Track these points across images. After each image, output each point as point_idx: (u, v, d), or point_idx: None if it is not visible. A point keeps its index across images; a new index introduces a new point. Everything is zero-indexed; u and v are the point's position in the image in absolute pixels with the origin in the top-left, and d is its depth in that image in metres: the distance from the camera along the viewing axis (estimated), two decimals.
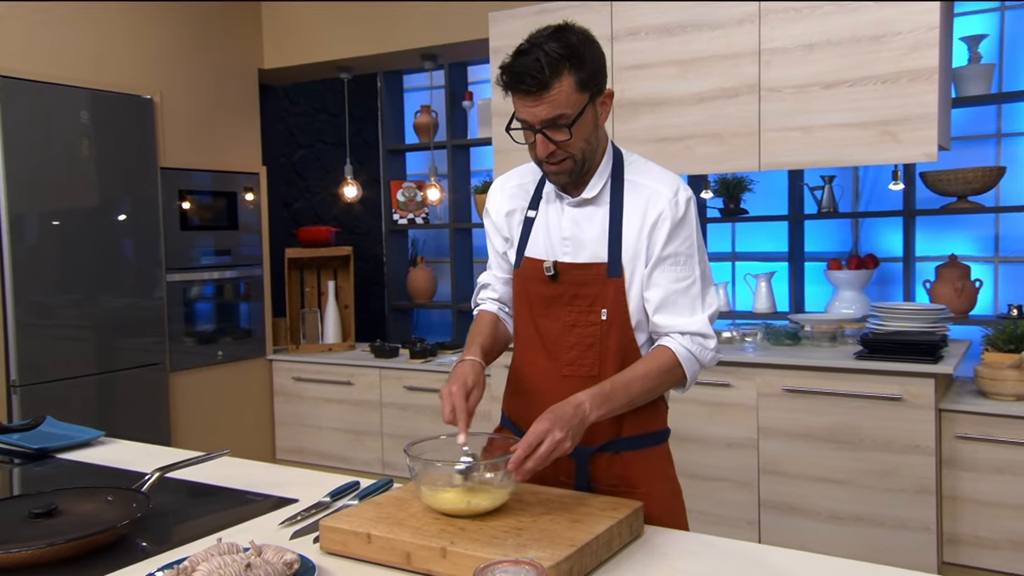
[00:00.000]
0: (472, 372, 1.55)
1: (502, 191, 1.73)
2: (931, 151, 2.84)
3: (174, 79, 4.05)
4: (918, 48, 2.83)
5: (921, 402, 2.85)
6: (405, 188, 5.25)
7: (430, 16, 4.04)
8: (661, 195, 1.55)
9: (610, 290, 1.56)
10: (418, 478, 1.41)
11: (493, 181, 1.80)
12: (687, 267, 1.56)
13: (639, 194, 1.57)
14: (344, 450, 4.29)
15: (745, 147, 3.16)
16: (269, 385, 4.52)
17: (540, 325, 1.63)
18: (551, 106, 1.45)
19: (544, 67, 1.43)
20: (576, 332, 1.59)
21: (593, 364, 1.58)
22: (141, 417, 3.88)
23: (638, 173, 1.60)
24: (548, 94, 1.44)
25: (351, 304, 4.74)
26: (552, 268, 1.60)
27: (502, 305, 1.79)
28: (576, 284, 1.59)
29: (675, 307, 1.55)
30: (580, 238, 1.59)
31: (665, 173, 1.61)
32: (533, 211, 1.67)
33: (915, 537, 2.89)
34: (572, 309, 1.59)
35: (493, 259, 1.78)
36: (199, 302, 4.22)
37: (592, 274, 1.57)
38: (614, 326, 1.57)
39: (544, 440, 1.36)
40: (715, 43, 3.17)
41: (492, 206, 1.74)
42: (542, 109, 1.45)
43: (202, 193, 4.20)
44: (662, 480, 1.64)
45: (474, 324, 1.75)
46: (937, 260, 3.97)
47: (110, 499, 1.53)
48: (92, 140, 3.65)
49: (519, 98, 1.47)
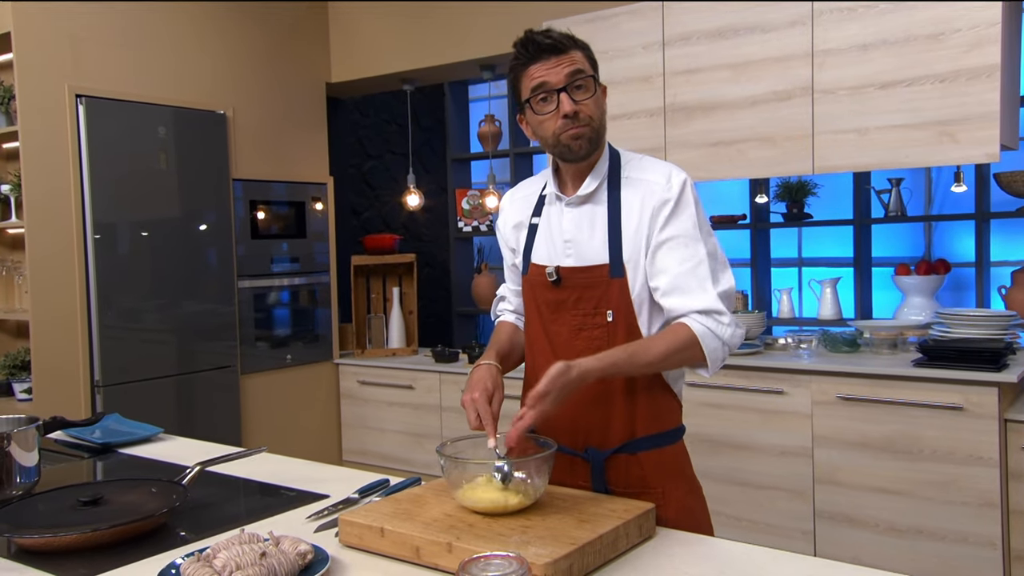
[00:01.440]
0: (489, 376, 1.58)
1: (510, 203, 1.79)
2: (993, 151, 2.74)
3: (246, 94, 4.25)
4: (979, 45, 2.73)
5: (984, 411, 2.74)
6: (470, 196, 5.34)
7: (487, 27, 4.11)
8: (656, 184, 1.58)
9: (614, 291, 1.58)
10: (452, 477, 1.45)
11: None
12: (691, 248, 1.54)
13: (635, 190, 1.59)
14: (406, 452, 4.39)
15: (799, 150, 3.10)
16: (336, 388, 4.67)
17: (549, 330, 1.65)
18: (572, 64, 1.54)
19: (560, 36, 1.55)
20: (583, 335, 1.60)
21: None
22: (214, 417, 4.07)
23: (634, 169, 1.63)
24: (568, 55, 1.54)
25: (415, 310, 4.84)
26: (555, 273, 1.62)
27: (519, 316, 1.82)
28: (579, 287, 1.61)
29: (684, 288, 1.53)
30: (580, 240, 1.62)
31: (657, 163, 1.63)
32: (537, 218, 1.70)
33: (979, 553, 2.78)
34: (577, 312, 1.61)
35: (508, 272, 1.83)
36: (270, 308, 4.39)
37: (595, 276, 1.59)
38: (620, 327, 1.58)
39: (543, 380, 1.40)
40: (767, 46, 3.13)
41: (500, 219, 1.80)
42: (564, 67, 1.53)
43: (273, 203, 4.37)
44: (679, 478, 1.64)
45: (493, 334, 1.81)
46: (1014, 265, 3.81)
47: (153, 490, 1.63)
48: (169, 154, 3.86)
49: (539, 65, 1.55)
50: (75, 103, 3.54)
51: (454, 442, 1.54)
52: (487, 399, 1.52)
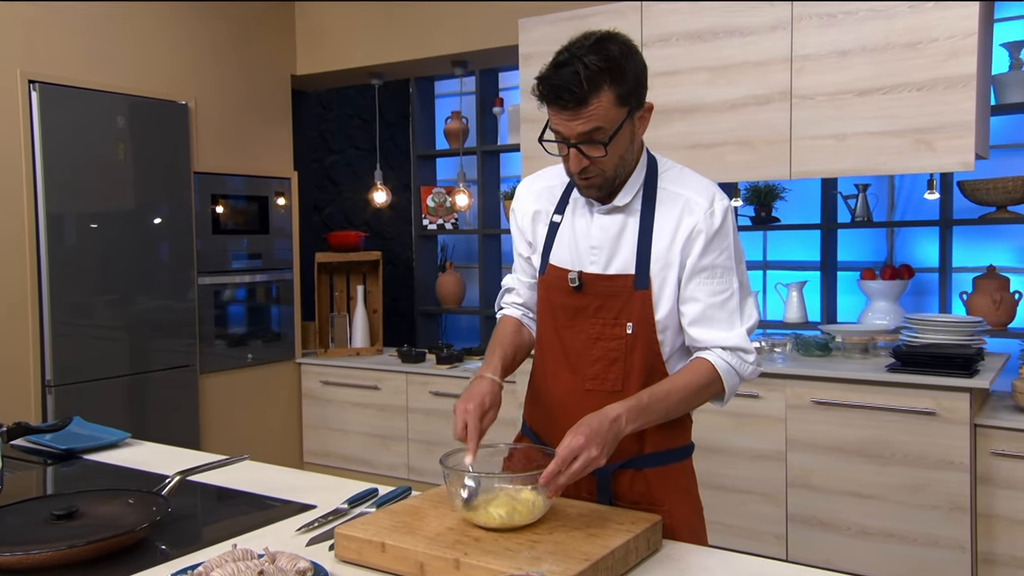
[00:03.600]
0: (490, 393, 1.52)
1: (528, 192, 1.68)
2: (968, 160, 2.78)
3: (208, 85, 4.11)
4: (956, 55, 2.77)
5: (955, 417, 2.78)
6: (435, 194, 5.27)
7: (461, 23, 4.05)
8: (697, 205, 1.50)
9: (637, 303, 1.52)
10: (454, 490, 1.39)
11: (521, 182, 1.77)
12: (724, 280, 1.51)
13: (673, 203, 1.52)
14: (370, 454, 4.30)
15: (776, 155, 3.11)
16: (297, 388, 4.56)
17: (563, 337, 1.59)
18: (588, 121, 1.40)
19: (583, 82, 1.37)
20: (600, 345, 1.54)
21: (617, 379, 1.54)
22: (170, 418, 3.93)
23: (672, 181, 1.55)
24: (586, 109, 1.39)
25: (380, 309, 4.76)
26: (577, 279, 1.55)
27: (526, 311, 1.74)
28: (602, 296, 1.54)
29: (713, 321, 1.50)
30: (608, 248, 1.54)
31: (701, 181, 1.56)
32: (559, 216, 1.62)
33: (948, 555, 2.82)
34: (596, 321, 1.54)
35: (518, 262, 1.73)
36: (230, 305, 4.26)
37: (619, 286, 1.53)
38: (640, 340, 1.52)
39: (579, 456, 1.33)
40: (747, 49, 3.13)
41: (518, 207, 1.70)
42: (578, 124, 1.40)
43: (234, 197, 4.24)
44: (684, 496, 1.60)
45: (496, 331, 1.71)
46: (974, 271, 3.88)
47: (131, 501, 1.54)
48: (128, 145, 3.71)
49: (555, 111, 1.42)
50: (28, 89, 3.38)
51: (456, 453, 1.48)
52: (480, 415, 1.47)
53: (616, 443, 1.38)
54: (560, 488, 1.34)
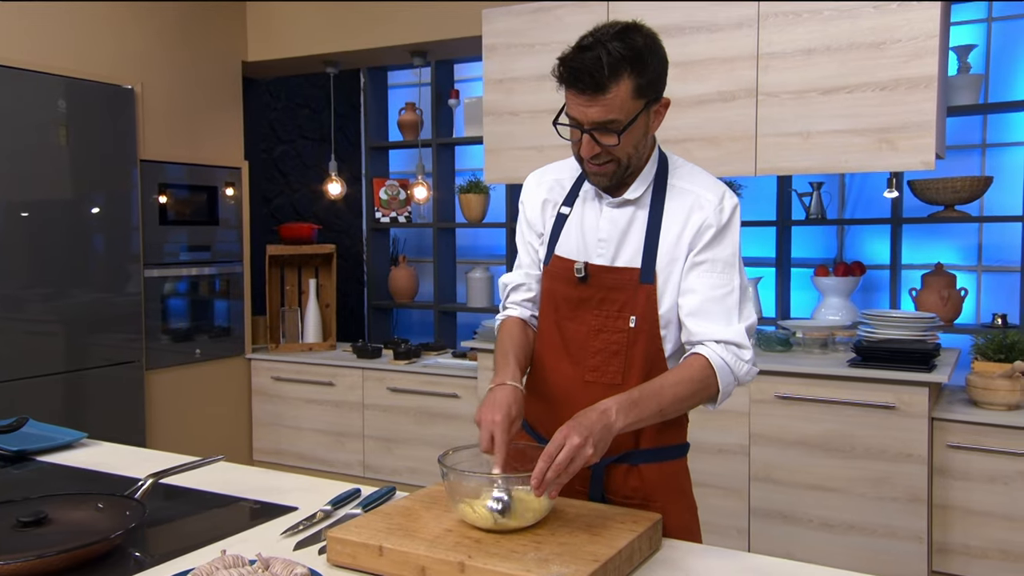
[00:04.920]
0: (516, 402, 1.45)
1: (539, 184, 1.67)
2: (929, 159, 2.84)
3: (156, 69, 3.94)
4: (918, 56, 2.82)
5: (915, 411, 2.84)
6: (388, 186, 5.17)
7: (421, 12, 3.97)
8: (707, 201, 1.50)
9: (641, 297, 1.51)
10: (454, 491, 1.34)
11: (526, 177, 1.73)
12: (726, 275, 1.50)
13: (682, 199, 1.52)
14: (324, 452, 4.20)
15: (742, 151, 3.13)
16: (247, 384, 4.42)
17: (564, 328, 1.57)
18: (604, 109, 1.40)
19: (604, 67, 1.37)
20: (602, 338, 1.53)
21: (617, 372, 1.53)
22: (114, 417, 3.76)
23: (683, 178, 1.54)
24: (603, 96, 1.39)
25: (332, 303, 4.65)
26: (583, 269, 1.54)
27: (535, 308, 1.69)
28: (606, 288, 1.53)
29: (711, 314, 1.48)
30: (616, 241, 1.54)
31: (708, 177, 1.56)
32: (567, 208, 1.61)
33: (906, 546, 2.88)
34: (599, 314, 1.53)
35: (526, 257, 1.69)
36: (178, 299, 4.11)
37: (624, 279, 1.52)
38: (642, 334, 1.51)
39: (563, 447, 1.28)
40: (714, 46, 3.14)
41: (527, 199, 1.68)
42: (595, 111, 1.40)
43: (182, 187, 4.09)
44: (679, 495, 1.59)
45: (503, 334, 1.65)
46: (921, 268, 3.99)
47: (100, 506, 1.45)
48: (70, 130, 3.53)
49: (572, 94, 1.42)
50: None
51: (456, 451, 1.43)
52: (508, 426, 1.40)
53: (609, 436, 1.34)
54: (557, 486, 1.29)
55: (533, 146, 3.53)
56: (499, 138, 3.61)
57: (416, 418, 3.94)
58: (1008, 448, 2.78)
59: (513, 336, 1.63)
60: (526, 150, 3.56)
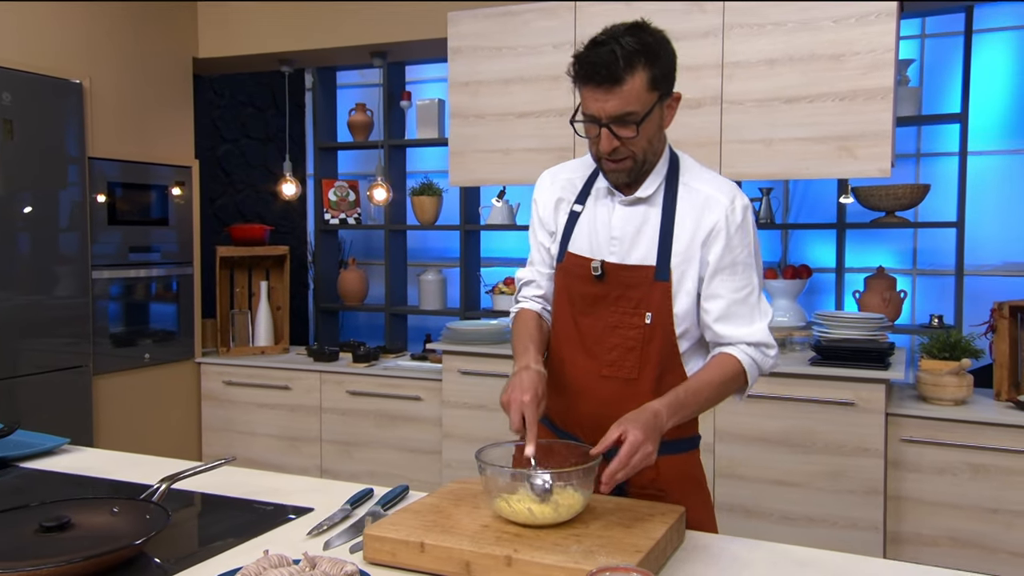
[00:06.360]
0: (541, 383, 1.49)
1: (552, 183, 1.71)
2: (885, 167, 2.98)
3: (105, 63, 3.81)
4: (875, 68, 2.96)
5: (872, 407, 2.98)
6: (338, 187, 5.11)
7: (384, 12, 3.94)
8: (718, 203, 1.54)
9: (656, 293, 1.55)
10: (493, 487, 1.35)
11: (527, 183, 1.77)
12: (745, 275, 1.55)
13: (694, 199, 1.56)
14: (279, 457, 4.12)
15: (706, 157, 3.22)
16: (197, 389, 4.30)
17: (581, 323, 1.60)
18: (621, 101, 1.43)
19: (619, 59, 1.41)
20: (618, 333, 1.57)
21: (633, 367, 1.57)
22: (60, 424, 3.60)
23: (694, 178, 1.59)
24: (620, 88, 1.43)
25: (284, 306, 4.57)
26: (600, 268, 1.57)
27: (546, 304, 1.74)
28: (622, 285, 1.57)
29: (736, 317, 1.55)
30: (629, 239, 1.58)
31: (721, 179, 1.61)
32: (579, 206, 1.64)
33: (864, 536, 3.01)
34: (616, 310, 1.57)
35: (537, 254, 1.73)
36: (126, 301, 3.96)
37: (640, 276, 1.55)
38: (657, 330, 1.55)
39: (637, 452, 1.33)
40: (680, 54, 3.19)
41: (540, 197, 1.71)
42: (612, 104, 1.44)
43: (131, 186, 3.95)
44: (695, 487, 1.64)
45: (519, 324, 1.69)
46: (862, 271, 4.17)
47: (116, 510, 1.41)
48: (14, 124, 3.38)
49: (589, 90, 1.45)
50: None
51: (492, 447, 1.44)
52: (536, 404, 1.44)
53: (659, 437, 1.39)
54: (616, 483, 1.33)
55: (499, 149, 3.56)
56: (464, 140, 3.62)
57: (376, 421, 3.90)
58: (956, 441, 2.93)
59: (529, 326, 1.67)
60: (492, 153, 3.57)
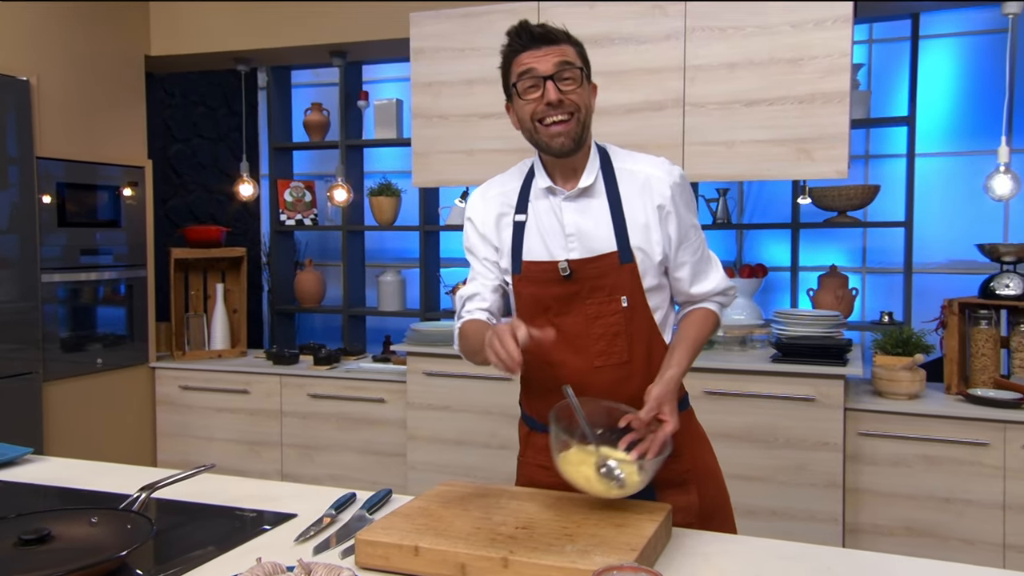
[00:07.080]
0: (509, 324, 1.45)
1: (484, 199, 1.74)
2: (842, 168, 3.06)
3: (54, 60, 3.69)
4: (832, 72, 3.04)
5: (831, 402, 3.05)
6: (293, 188, 5.04)
7: (345, 11, 3.90)
8: (659, 180, 1.64)
9: (625, 276, 1.61)
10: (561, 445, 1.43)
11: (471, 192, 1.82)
12: (697, 236, 1.70)
13: (634, 180, 1.64)
14: (238, 462, 4.05)
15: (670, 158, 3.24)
16: (151, 394, 4.20)
17: (561, 324, 1.63)
18: (561, 55, 1.56)
19: (551, 29, 1.58)
20: (600, 323, 1.62)
21: (622, 350, 1.62)
22: (8, 432, 3.47)
23: (626, 161, 1.68)
24: (558, 47, 1.57)
25: (241, 308, 4.49)
26: (568, 267, 1.62)
27: (491, 315, 1.75)
28: (592, 278, 1.62)
29: (701, 275, 1.70)
30: (586, 232, 1.63)
31: (651, 157, 1.71)
32: (522, 215, 1.68)
33: (824, 528, 3.09)
34: (593, 302, 1.62)
35: (479, 269, 1.75)
36: (77, 305, 3.85)
37: (606, 264, 1.62)
38: (636, 310, 1.63)
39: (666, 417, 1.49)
40: (642, 57, 3.26)
41: (476, 215, 1.74)
42: (552, 58, 1.56)
43: (82, 187, 3.84)
44: (699, 440, 1.79)
45: (468, 333, 1.68)
46: (815, 270, 4.28)
47: (94, 520, 1.37)
48: None
49: (528, 54, 1.56)
50: None
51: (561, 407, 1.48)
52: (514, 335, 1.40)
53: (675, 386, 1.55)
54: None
55: (463, 150, 3.55)
56: (428, 141, 3.61)
57: (338, 424, 3.86)
58: (910, 434, 3.03)
59: (480, 329, 1.65)
60: (455, 154, 3.57)
